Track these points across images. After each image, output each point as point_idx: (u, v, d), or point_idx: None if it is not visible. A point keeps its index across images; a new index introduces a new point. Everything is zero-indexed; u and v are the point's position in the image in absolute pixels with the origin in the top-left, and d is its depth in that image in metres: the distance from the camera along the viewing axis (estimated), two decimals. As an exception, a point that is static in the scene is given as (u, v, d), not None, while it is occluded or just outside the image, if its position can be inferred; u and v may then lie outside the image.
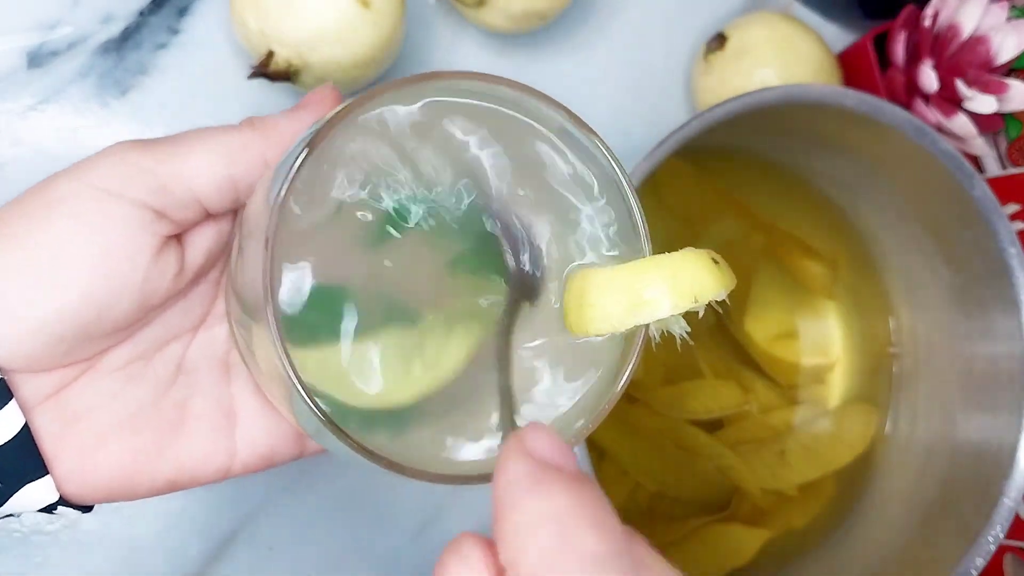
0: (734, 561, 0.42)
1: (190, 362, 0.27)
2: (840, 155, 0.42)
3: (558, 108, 0.22)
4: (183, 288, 0.26)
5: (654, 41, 0.47)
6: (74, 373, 0.25)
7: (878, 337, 0.46)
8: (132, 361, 0.26)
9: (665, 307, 0.19)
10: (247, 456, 0.27)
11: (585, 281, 0.20)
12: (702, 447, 0.43)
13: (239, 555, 0.40)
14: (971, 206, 0.38)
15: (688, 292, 0.19)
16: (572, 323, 0.21)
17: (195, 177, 0.24)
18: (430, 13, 0.44)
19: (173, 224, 0.25)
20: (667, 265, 0.20)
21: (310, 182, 0.21)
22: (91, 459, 0.25)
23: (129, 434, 0.25)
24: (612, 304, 0.20)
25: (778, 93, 0.36)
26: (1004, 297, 0.39)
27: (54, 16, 0.40)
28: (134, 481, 0.25)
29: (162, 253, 0.25)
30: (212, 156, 0.25)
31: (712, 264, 0.20)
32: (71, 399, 0.25)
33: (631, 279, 0.20)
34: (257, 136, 0.25)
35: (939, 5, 0.43)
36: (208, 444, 0.26)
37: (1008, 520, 0.36)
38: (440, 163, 0.23)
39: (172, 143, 0.25)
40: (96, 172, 0.24)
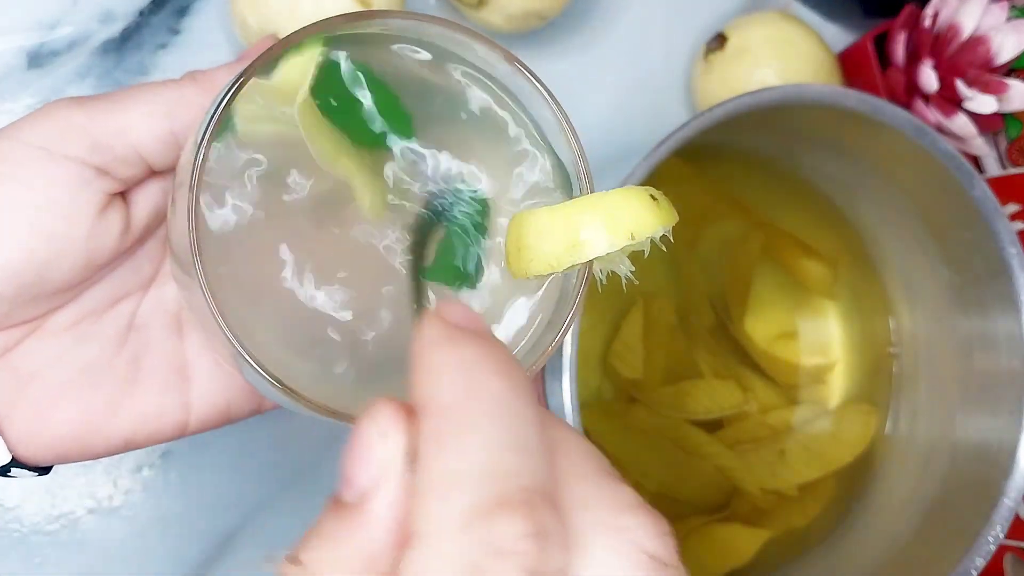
0: (734, 561, 0.42)
1: (141, 320, 0.27)
2: (840, 155, 0.42)
3: (496, 48, 0.22)
4: (130, 246, 0.26)
5: (654, 41, 0.47)
6: (21, 334, 0.25)
7: (878, 337, 0.46)
8: (81, 320, 0.26)
9: (601, 245, 0.19)
10: (203, 411, 0.27)
11: (522, 223, 0.20)
12: (702, 447, 0.43)
13: (239, 555, 0.40)
14: (971, 206, 0.38)
15: (624, 229, 0.19)
16: (512, 267, 0.21)
17: (135, 132, 0.24)
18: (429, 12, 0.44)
19: (116, 181, 0.24)
20: (602, 203, 0.19)
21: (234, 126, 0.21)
22: (43, 419, 0.24)
23: (81, 393, 0.25)
24: (549, 244, 0.19)
25: (778, 93, 0.36)
26: (1004, 297, 0.39)
27: (54, 16, 0.40)
28: (89, 440, 0.25)
29: (106, 211, 0.24)
30: (152, 110, 0.24)
31: (650, 200, 0.19)
32: (20, 360, 0.25)
33: (566, 218, 0.19)
34: (197, 89, 0.25)
35: (939, 5, 0.43)
36: (162, 400, 0.26)
37: (1008, 520, 0.36)
38: (367, 113, 0.22)
39: (110, 99, 0.24)
40: (32, 130, 0.23)
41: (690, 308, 0.45)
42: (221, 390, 0.27)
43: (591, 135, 0.46)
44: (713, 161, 0.43)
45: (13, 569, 0.38)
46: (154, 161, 0.25)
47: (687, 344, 0.44)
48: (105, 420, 0.25)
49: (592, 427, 0.41)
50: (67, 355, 0.25)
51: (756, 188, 0.45)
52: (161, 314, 0.27)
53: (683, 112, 0.48)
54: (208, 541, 0.40)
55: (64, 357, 0.25)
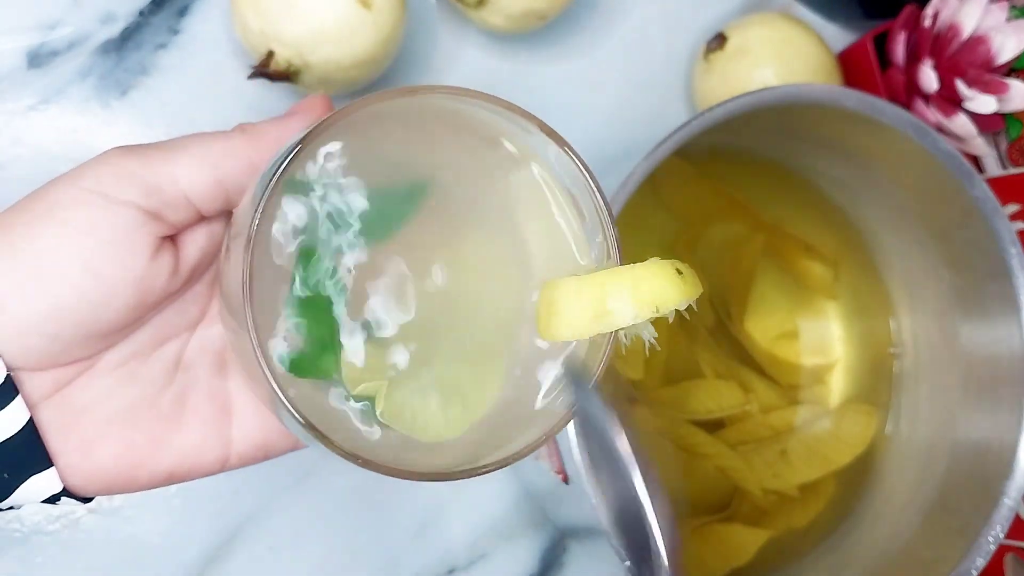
0: (734, 561, 0.42)
1: (187, 359, 0.28)
2: (840, 155, 0.42)
3: (532, 120, 0.23)
4: (179, 288, 0.27)
5: (654, 41, 0.47)
6: (74, 372, 0.26)
7: (878, 337, 0.46)
8: (130, 359, 0.27)
9: (627, 317, 0.20)
10: (243, 448, 0.28)
11: (554, 291, 0.21)
12: (703, 447, 0.43)
13: (239, 555, 0.40)
14: (971, 206, 0.38)
15: (649, 302, 0.20)
16: (542, 329, 0.22)
17: (185, 179, 0.25)
18: (430, 13, 0.44)
19: (167, 225, 0.26)
20: (629, 276, 0.20)
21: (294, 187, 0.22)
22: (92, 453, 0.26)
23: (128, 429, 0.26)
24: (577, 313, 0.21)
25: (778, 93, 0.36)
26: (1004, 297, 0.39)
27: (54, 16, 0.40)
28: (134, 473, 0.26)
29: (158, 253, 0.26)
30: (200, 160, 0.26)
31: (675, 274, 0.20)
32: (73, 396, 0.26)
33: (595, 290, 0.21)
34: (245, 141, 0.26)
35: (939, 5, 0.43)
36: (205, 437, 0.27)
37: (1008, 520, 0.36)
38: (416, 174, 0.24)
39: (163, 148, 0.26)
40: (90, 177, 0.25)
41: (690, 308, 0.45)
42: (261, 428, 0.28)
43: (591, 135, 0.46)
44: (713, 161, 0.43)
45: (13, 569, 0.38)
46: (203, 207, 0.26)
47: (688, 344, 0.44)
48: (150, 455, 0.27)
49: (592, 427, 0.41)
50: (116, 393, 0.26)
51: (756, 188, 0.45)
52: (206, 354, 0.28)
53: (683, 112, 0.48)
54: (208, 541, 0.40)
55: (113, 395, 0.26)
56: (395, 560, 0.42)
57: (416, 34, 0.44)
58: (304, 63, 0.37)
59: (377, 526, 0.42)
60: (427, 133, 0.24)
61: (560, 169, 0.24)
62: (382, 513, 0.42)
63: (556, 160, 0.24)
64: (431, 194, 0.24)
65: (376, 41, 0.37)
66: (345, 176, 0.23)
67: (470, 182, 0.24)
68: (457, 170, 0.24)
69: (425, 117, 0.24)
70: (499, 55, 0.45)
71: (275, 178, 0.21)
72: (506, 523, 0.44)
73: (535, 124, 0.23)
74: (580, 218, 0.24)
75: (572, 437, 0.32)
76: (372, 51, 0.37)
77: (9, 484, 0.25)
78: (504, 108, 0.22)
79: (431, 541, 0.43)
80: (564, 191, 0.24)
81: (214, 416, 0.28)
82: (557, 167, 0.24)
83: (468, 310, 0.24)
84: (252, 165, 0.26)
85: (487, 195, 0.24)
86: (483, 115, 0.23)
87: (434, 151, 0.24)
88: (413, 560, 0.42)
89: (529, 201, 0.24)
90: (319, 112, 0.28)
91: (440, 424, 0.23)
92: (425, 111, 0.24)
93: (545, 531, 0.44)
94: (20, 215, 0.25)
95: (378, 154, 0.24)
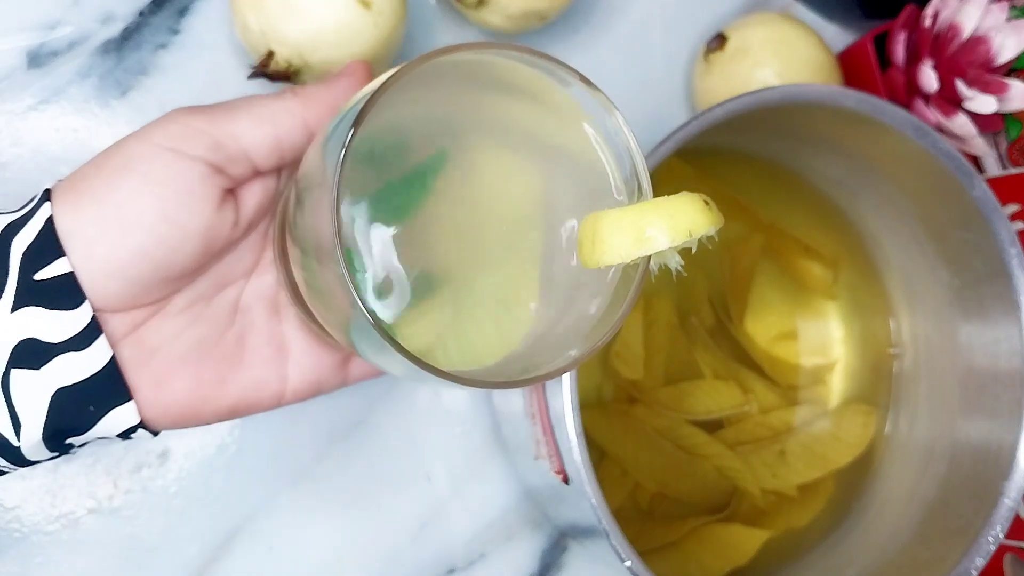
0: (734, 561, 0.42)
1: (244, 304, 0.31)
2: (840, 155, 0.42)
3: (572, 72, 0.26)
4: (238, 238, 0.30)
5: (654, 41, 0.47)
6: (148, 313, 0.28)
7: (878, 337, 0.46)
8: (195, 303, 0.30)
9: (664, 240, 0.23)
10: (297, 384, 0.31)
11: (597, 221, 0.24)
12: (702, 447, 0.43)
13: (239, 555, 0.40)
14: (971, 206, 0.38)
15: (683, 229, 0.23)
16: (585, 257, 0.24)
17: (246, 136, 0.28)
18: (430, 13, 0.44)
19: (229, 179, 0.28)
20: (665, 206, 0.23)
21: (370, 135, 0.24)
22: (165, 388, 0.28)
23: (196, 366, 0.29)
24: (620, 239, 0.23)
25: (778, 93, 0.36)
26: (1004, 297, 0.39)
27: (54, 16, 0.40)
28: (200, 408, 0.29)
29: (222, 204, 0.28)
30: (260, 119, 0.28)
31: (703, 204, 0.23)
32: (146, 336, 0.28)
33: (635, 218, 0.23)
34: (299, 103, 0.29)
35: (939, 5, 0.43)
36: (264, 373, 0.30)
37: (1008, 520, 0.36)
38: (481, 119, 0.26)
39: (225, 108, 0.28)
40: (161, 133, 0.27)
41: (690, 308, 0.45)
42: (313, 365, 0.31)
43: (591, 135, 0.46)
44: (713, 161, 0.43)
45: (13, 569, 0.38)
46: (259, 162, 0.29)
47: (687, 344, 0.44)
48: (215, 390, 0.29)
49: (592, 427, 0.41)
50: (184, 333, 0.29)
51: (756, 188, 0.45)
52: (261, 299, 0.31)
53: (683, 112, 0.48)
54: (208, 541, 0.40)
55: (181, 335, 0.29)
56: (395, 560, 0.42)
57: (416, 34, 0.44)
58: (304, 63, 0.37)
59: (377, 526, 0.42)
60: (474, 87, 0.26)
61: (597, 117, 0.27)
62: (382, 513, 0.42)
63: (593, 109, 0.26)
64: (481, 142, 0.26)
65: (376, 41, 0.37)
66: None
67: (517, 133, 0.27)
68: (504, 123, 0.27)
69: (472, 74, 0.26)
70: (499, 55, 0.45)
71: (352, 133, 0.22)
72: (506, 523, 0.44)
73: (575, 76, 0.26)
74: (615, 160, 0.27)
75: (572, 437, 0.32)
76: (372, 51, 0.37)
77: (94, 416, 0.27)
78: (547, 61, 0.25)
79: (431, 541, 0.43)
80: (602, 137, 0.27)
81: (272, 355, 0.31)
82: (595, 116, 0.27)
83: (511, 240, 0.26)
84: (305, 125, 0.29)
85: (535, 143, 0.27)
86: (525, 70, 0.26)
87: (482, 104, 0.27)
88: (413, 560, 0.43)
89: (570, 146, 0.27)
90: (361, 76, 0.31)
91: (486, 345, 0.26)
92: (471, 68, 0.26)
93: (545, 531, 0.44)
94: (99, 169, 0.27)
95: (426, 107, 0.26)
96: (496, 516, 0.44)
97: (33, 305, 0.26)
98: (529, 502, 0.44)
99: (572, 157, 0.27)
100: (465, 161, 0.26)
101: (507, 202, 0.27)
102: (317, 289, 0.26)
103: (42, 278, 0.26)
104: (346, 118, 0.24)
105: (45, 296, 0.26)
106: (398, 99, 0.24)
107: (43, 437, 0.26)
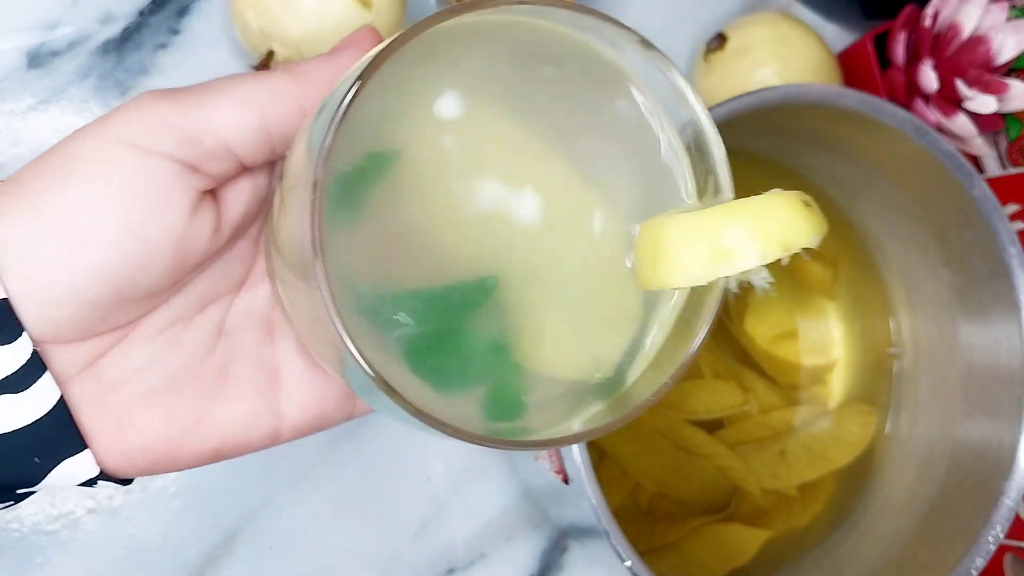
0: (734, 561, 0.42)
1: (231, 324, 0.26)
2: (840, 155, 0.42)
3: (631, 35, 0.20)
4: (221, 247, 0.25)
5: (654, 41, 0.47)
6: (110, 341, 0.24)
7: (878, 337, 0.46)
8: (170, 325, 0.25)
9: (752, 257, 0.17)
10: (296, 418, 0.26)
11: (660, 230, 0.18)
12: (702, 447, 0.43)
13: (239, 555, 0.40)
14: (971, 206, 0.38)
15: (777, 239, 0.17)
16: (645, 277, 0.19)
17: (225, 126, 0.23)
18: (430, 13, 0.44)
19: (207, 178, 0.23)
20: (752, 210, 0.17)
21: (359, 123, 0.19)
22: (131, 431, 0.24)
23: (169, 402, 0.24)
24: (691, 255, 0.17)
25: (778, 93, 0.36)
26: (1004, 297, 0.39)
27: (54, 16, 0.40)
28: (177, 452, 0.24)
29: (197, 209, 0.23)
30: (244, 104, 0.23)
31: (803, 206, 0.17)
32: (107, 368, 0.24)
33: (712, 226, 0.17)
34: (292, 82, 0.23)
35: (939, 5, 0.43)
36: (253, 409, 0.25)
37: (1008, 520, 0.36)
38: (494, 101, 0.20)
39: (200, 91, 0.23)
40: (120, 125, 0.22)
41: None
42: (314, 396, 0.26)
43: (591, 135, 0.46)
44: (713, 161, 0.43)
45: (13, 569, 0.38)
46: (245, 157, 0.24)
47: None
48: (194, 430, 0.24)
49: (592, 427, 0.41)
50: (155, 363, 0.24)
51: (756, 188, 0.45)
52: (251, 317, 0.26)
53: (683, 112, 0.48)
54: (208, 541, 0.40)
55: (152, 366, 0.24)
56: (395, 560, 0.42)
57: (416, 34, 0.44)
58: (304, 63, 0.37)
59: (377, 526, 0.42)
60: (503, 56, 0.21)
61: (662, 93, 0.20)
62: (382, 513, 0.42)
63: (656, 83, 0.20)
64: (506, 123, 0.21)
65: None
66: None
67: (557, 109, 0.21)
68: (540, 97, 0.21)
69: (499, 38, 0.21)
70: (499, 55, 0.45)
71: (341, 113, 0.18)
72: (506, 523, 0.44)
73: (634, 39, 0.19)
74: (683, 149, 0.21)
75: (572, 437, 0.32)
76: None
77: (41, 469, 0.22)
78: (598, 20, 0.19)
79: (431, 541, 0.43)
80: (666, 119, 0.21)
81: (262, 385, 0.25)
82: (657, 90, 0.20)
83: (557, 255, 0.20)
84: (301, 109, 0.23)
85: (578, 124, 0.21)
86: (567, 33, 0.20)
87: (508, 76, 0.21)
88: (413, 560, 0.42)
89: (626, 131, 0.21)
90: (367, 45, 0.25)
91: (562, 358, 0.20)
92: (491, 31, 0.21)
93: (545, 531, 0.44)
94: (40, 169, 0.22)
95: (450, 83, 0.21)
96: (496, 516, 0.44)
97: None
98: (529, 502, 0.44)
99: (625, 147, 0.21)
100: (485, 148, 0.21)
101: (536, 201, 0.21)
102: (302, 311, 0.21)
103: None
104: (337, 92, 0.19)
105: None
106: (402, 71, 0.19)
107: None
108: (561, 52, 0.21)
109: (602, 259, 0.20)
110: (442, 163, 0.21)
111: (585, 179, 0.21)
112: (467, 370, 0.20)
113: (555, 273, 0.21)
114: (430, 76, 0.20)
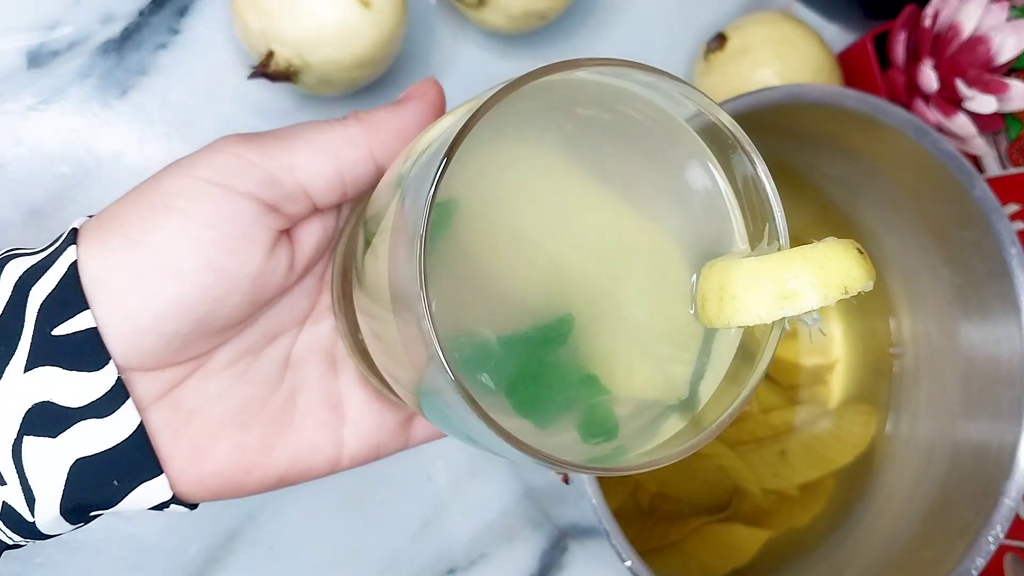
0: (735, 561, 0.42)
1: (297, 356, 0.27)
2: (840, 155, 0.42)
3: (695, 94, 0.22)
4: (291, 283, 0.26)
5: (654, 41, 0.47)
6: (186, 371, 0.25)
7: (878, 337, 0.46)
8: (241, 357, 0.26)
9: (813, 300, 0.19)
10: (355, 448, 0.27)
11: (727, 272, 0.20)
12: (702, 447, 0.43)
13: (239, 555, 0.40)
14: (971, 206, 0.38)
15: (837, 283, 0.19)
16: (710, 316, 0.20)
17: (303, 170, 0.24)
18: (430, 13, 0.44)
19: (284, 218, 0.25)
20: (815, 256, 0.19)
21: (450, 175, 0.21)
22: (203, 457, 0.25)
23: (239, 431, 0.25)
24: (756, 296, 0.19)
25: (778, 93, 0.36)
26: (1004, 297, 0.39)
27: (54, 16, 0.40)
28: (244, 478, 0.25)
29: (275, 248, 0.25)
30: (320, 150, 0.25)
31: (858, 254, 0.19)
32: (183, 397, 0.25)
33: (777, 271, 0.19)
34: (364, 131, 0.25)
35: (939, 5, 0.43)
36: (316, 438, 0.27)
37: (1008, 520, 0.36)
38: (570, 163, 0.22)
39: (279, 137, 0.25)
40: (206, 166, 0.24)
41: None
42: (372, 427, 0.27)
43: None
44: (713, 161, 0.43)
45: (13, 569, 0.38)
46: (319, 199, 0.25)
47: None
48: (260, 458, 0.26)
49: (592, 427, 0.41)
50: (227, 393, 0.25)
51: (756, 188, 0.45)
52: (316, 351, 0.28)
53: (683, 112, 0.48)
54: (208, 541, 0.40)
55: (224, 395, 0.25)
56: (395, 560, 0.42)
57: (416, 34, 0.44)
58: (304, 63, 0.37)
59: (377, 526, 0.42)
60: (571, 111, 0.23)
61: (718, 150, 0.23)
62: (382, 513, 0.42)
63: (717, 137, 0.22)
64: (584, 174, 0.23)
65: (376, 41, 0.37)
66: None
67: (629, 162, 0.23)
68: (607, 151, 0.23)
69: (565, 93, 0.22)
70: (499, 55, 0.45)
71: (441, 169, 0.19)
72: (506, 523, 0.44)
73: (697, 98, 0.21)
74: (740, 200, 0.23)
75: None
76: (372, 51, 0.37)
77: (119, 491, 0.23)
78: (663, 79, 0.21)
79: (431, 541, 0.43)
80: (723, 175, 0.23)
81: (326, 416, 0.27)
82: (715, 150, 0.23)
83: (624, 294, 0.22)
84: (372, 156, 0.25)
85: (639, 172, 0.23)
86: (637, 90, 0.22)
87: (581, 130, 0.23)
88: (413, 560, 0.42)
89: (685, 179, 0.23)
90: (432, 96, 0.27)
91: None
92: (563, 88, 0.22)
93: (545, 531, 0.44)
94: (134, 206, 0.23)
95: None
96: (496, 516, 0.44)
97: (50, 364, 0.22)
98: (529, 502, 0.44)
99: (688, 196, 0.23)
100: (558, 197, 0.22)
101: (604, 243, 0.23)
102: (387, 343, 0.22)
103: (61, 333, 0.22)
104: (435, 144, 0.20)
105: (64, 354, 0.22)
106: (488, 131, 0.21)
107: (61, 512, 0.23)
108: (622, 105, 0.23)
109: (665, 296, 0.22)
110: (516, 212, 0.22)
111: (647, 220, 0.23)
112: (559, 400, 0.22)
113: (624, 309, 0.22)
114: (507, 130, 0.22)
